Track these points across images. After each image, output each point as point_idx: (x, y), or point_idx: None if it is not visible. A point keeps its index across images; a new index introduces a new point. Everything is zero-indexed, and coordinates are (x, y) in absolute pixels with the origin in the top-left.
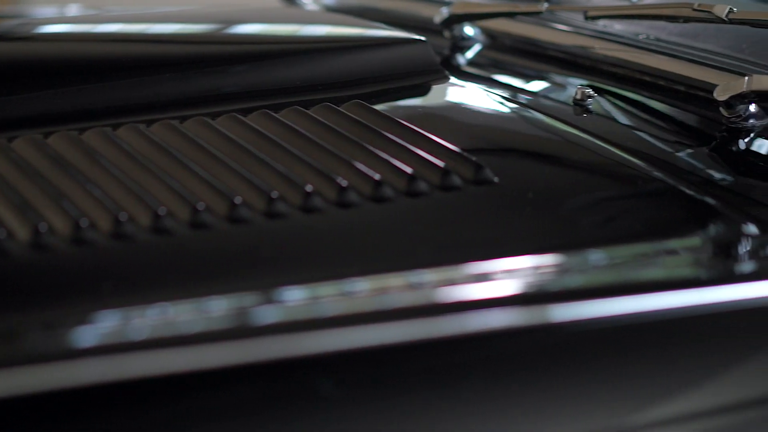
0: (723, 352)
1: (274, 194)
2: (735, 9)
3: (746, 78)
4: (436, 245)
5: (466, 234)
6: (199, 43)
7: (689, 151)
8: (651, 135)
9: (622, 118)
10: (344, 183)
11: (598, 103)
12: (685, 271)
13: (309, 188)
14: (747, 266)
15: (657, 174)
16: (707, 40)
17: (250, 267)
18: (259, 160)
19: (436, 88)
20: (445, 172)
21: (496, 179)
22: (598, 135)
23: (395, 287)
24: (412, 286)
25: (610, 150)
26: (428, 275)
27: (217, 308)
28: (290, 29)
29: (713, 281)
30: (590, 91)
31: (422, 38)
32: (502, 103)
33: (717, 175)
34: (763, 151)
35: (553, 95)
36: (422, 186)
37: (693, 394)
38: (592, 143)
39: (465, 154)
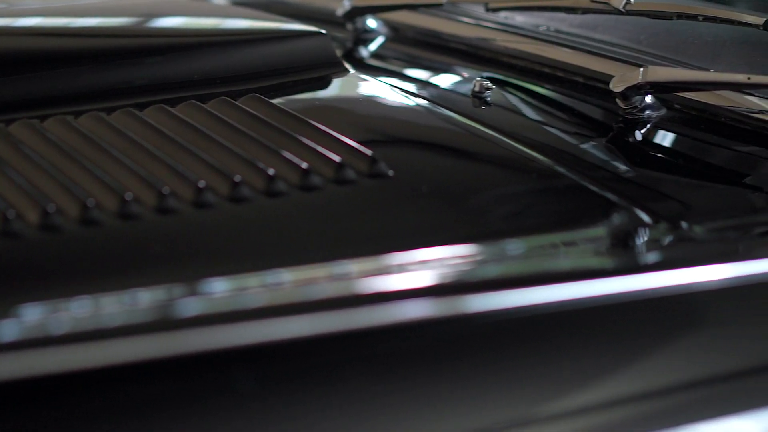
0: (626, 342)
1: (165, 190)
2: (632, 0)
3: (641, 69)
4: (327, 240)
5: (359, 228)
6: (96, 37)
7: (586, 142)
8: (549, 126)
9: (521, 110)
10: (237, 178)
11: (499, 95)
12: (582, 263)
13: (202, 184)
14: (644, 257)
15: (553, 166)
16: (606, 31)
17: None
18: (150, 154)
19: (334, 81)
20: (339, 166)
21: (390, 172)
22: (495, 127)
23: (288, 282)
24: (308, 281)
25: (506, 142)
26: (320, 270)
27: (138, 300)
28: (190, 23)
29: (610, 272)
30: (488, 83)
31: (321, 31)
32: (400, 96)
33: (613, 167)
34: (659, 142)
35: (453, 87)
36: (316, 180)
37: (598, 384)
38: (489, 135)
39: (360, 147)
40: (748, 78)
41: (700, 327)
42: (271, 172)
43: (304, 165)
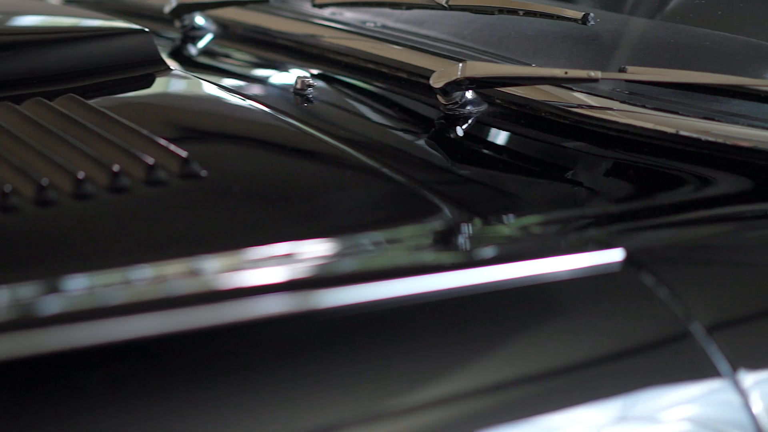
0: (458, 338)
1: None
2: None
3: (460, 65)
4: (131, 242)
5: (164, 230)
6: None
7: (407, 139)
8: (371, 123)
9: (344, 107)
10: (44, 182)
11: (322, 92)
12: (403, 260)
13: (8, 188)
14: (464, 253)
15: (372, 163)
16: (433, 26)
17: None
18: None
19: (154, 80)
20: (150, 167)
21: (204, 173)
22: (314, 125)
23: (91, 287)
24: (111, 285)
25: (326, 140)
26: (137, 272)
27: None
28: (9, 21)
29: (432, 269)
30: (310, 80)
31: (144, 29)
32: (221, 94)
33: (432, 162)
34: (480, 137)
35: (277, 85)
36: (126, 182)
37: (434, 380)
38: (308, 133)
39: (173, 147)
40: (566, 72)
41: (528, 321)
42: (80, 175)
43: (115, 167)
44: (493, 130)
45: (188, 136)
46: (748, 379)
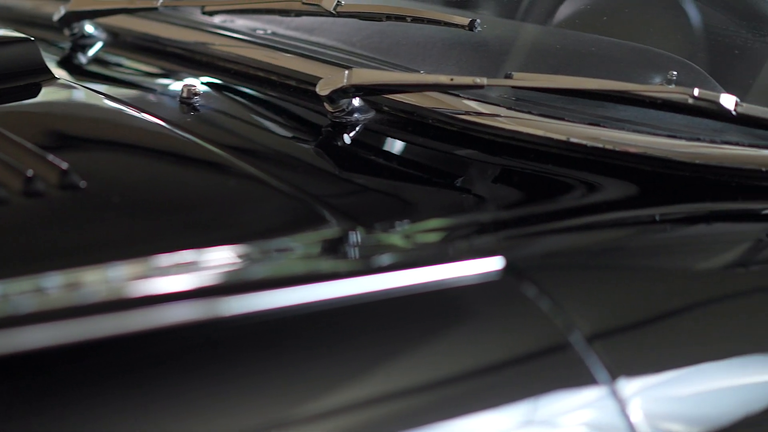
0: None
1: None
2: (343, 2)
3: (346, 72)
4: (9, 254)
5: (41, 242)
6: None
7: (295, 147)
8: (259, 132)
9: (231, 116)
10: None
11: (210, 100)
12: (288, 269)
13: None
14: (350, 262)
15: (258, 172)
16: (323, 33)
17: None
18: None
19: (38, 90)
20: (28, 179)
21: (83, 184)
22: (199, 134)
23: None
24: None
25: (210, 149)
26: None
27: None
28: None
29: (323, 277)
30: (196, 89)
31: (28, 37)
32: (105, 104)
33: (320, 171)
34: (366, 145)
35: (164, 94)
36: (3, 194)
37: (324, 389)
38: (192, 143)
39: (53, 159)
40: (451, 79)
41: (407, 332)
42: None
43: None
44: (381, 138)
45: (70, 147)
46: (627, 387)
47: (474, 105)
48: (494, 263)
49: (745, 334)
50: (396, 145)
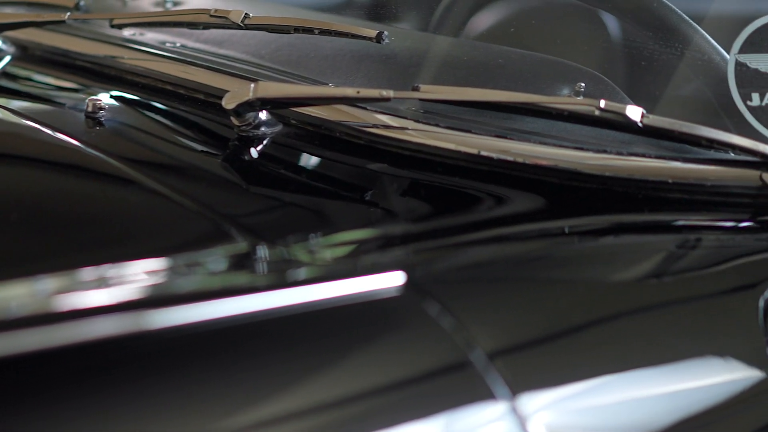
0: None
1: None
2: (251, 14)
3: (252, 85)
4: None
5: None
6: None
7: (202, 162)
8: (166, 147)
9: (139, 130)
10: None
11: (118, 114)
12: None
13: None
14: (254, 277)
15: (162, 188)
16: (232, 46)
17: None
18: None
19: None
20: None
21: None
22: (103, 149)
23: None
24: None
25: (114, 164)
26: None
27: None
28: None
29: (230, 293)
30: (101, 103)
31: None
32: (8, 118)
33: (226, 186)
34: (273, 159)
35: (69, 108)
36: None
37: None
38: (96, 158)
39: None
40: (358, 92)
41: (305, 350)
42: None
43: None
44: (288, 151)
45: None
46: (527, 403)
47: (382, 118)
48: (398, 278)
49: (648, 347)
50: (303, 159)
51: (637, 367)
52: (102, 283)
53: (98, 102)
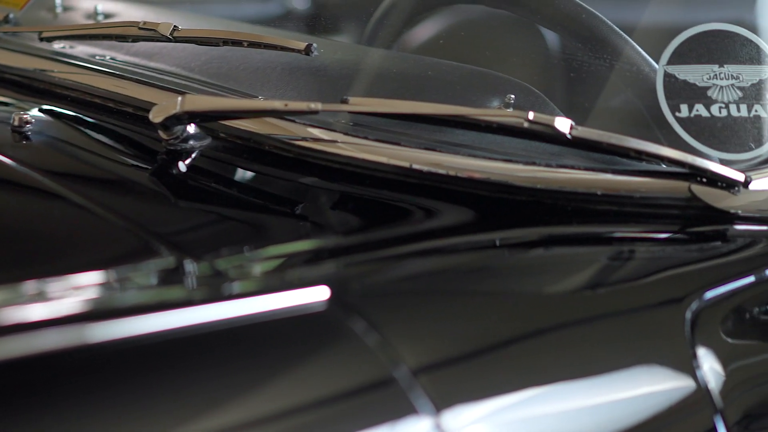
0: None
1: None
2: (179, 27)
3: (179, 98)
4: None
5: None
6: None
7: (130, 176)
8: (94, 161)
9: (67, 144)
10: None
11: (47, 128)
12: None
13: None
14: (179, 293)
15: (88, 203)
16: (162, 59)
17: None
18: None
19: None
20: None
21: None
22: (29, 163)
23: None
24: None
25: (40, 179)
26: None
27: None
28: None
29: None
30: (28, 117)
31: None
32: None
33: (154, 200)
34: (201, 173)
35: None
36: None
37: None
38: (21, 172)
39: None
40: (286, 105)
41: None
42: None
43: None
44: (217, 165)
45: None
46: (452, 419)
47: (312, 131)
48: (325, 293)
49: (575, 360)
50: (232, 172)
51: (564, 380)
52: (28, 299)
53: (24, 116)
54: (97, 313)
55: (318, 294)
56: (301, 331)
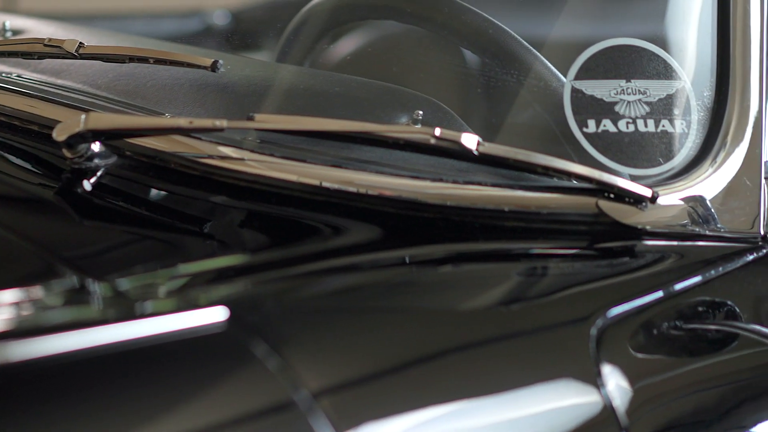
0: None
1: None
2: (85, 43)
3: (83, 116)
4: None
5: None
6: None
7: (33, 195)
8: None
9: None
10: None
11: None
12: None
13: None
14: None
15: None
16: (70, 76)
17: None
18: None
19: None
20: None
21: None
22: None
23: None
24: None
25: None
26: None
27: None
28: None
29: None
30: None
31: None
32: None
33: (57, 220)
34: (108, 191)
35: None
36: None
37: None
38: None
39: None
40: (191, 122)
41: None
42: None
43: None
44: (122, 183)
45: None
46: None
47: (219, 148)
48: (224, 314)
49: (480, 378)
50: (137, 191)
51: (468, 398)
52: None
53: None
54: None
55: (217, 315)
56: (199, 354)
